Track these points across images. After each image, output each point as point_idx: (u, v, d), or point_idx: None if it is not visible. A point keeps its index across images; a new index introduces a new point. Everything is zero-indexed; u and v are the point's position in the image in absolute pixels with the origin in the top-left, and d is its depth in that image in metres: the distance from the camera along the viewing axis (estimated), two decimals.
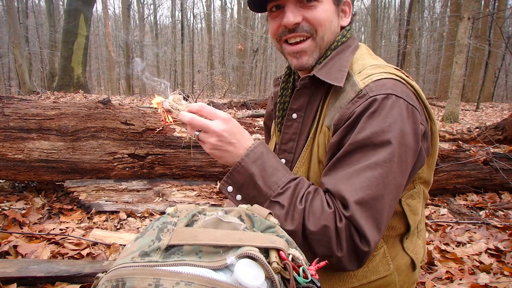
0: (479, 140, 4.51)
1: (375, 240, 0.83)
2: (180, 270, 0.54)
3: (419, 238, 1.10)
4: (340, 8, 1.04)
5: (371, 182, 0.82)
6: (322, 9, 0.98)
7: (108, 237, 2.20)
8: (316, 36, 1.00)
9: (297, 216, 0.84)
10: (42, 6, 25.22)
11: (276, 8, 1.02)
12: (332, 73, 0.97)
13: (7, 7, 13.39)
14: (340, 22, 1.05)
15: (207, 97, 15.76)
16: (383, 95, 0.87)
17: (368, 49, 1.10)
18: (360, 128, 0.86)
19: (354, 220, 0.81)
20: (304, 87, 1.02)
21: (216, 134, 0.89)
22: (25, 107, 2.78)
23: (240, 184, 0.91)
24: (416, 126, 0.89)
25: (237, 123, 0.93)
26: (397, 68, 1.01)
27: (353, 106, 0.90)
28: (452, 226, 2.65)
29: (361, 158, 0.85)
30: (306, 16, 0.98)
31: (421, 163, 0.95)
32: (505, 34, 13.30)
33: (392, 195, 0.85)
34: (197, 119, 0.90)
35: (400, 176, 0.86)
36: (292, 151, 1.06)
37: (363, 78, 0.93)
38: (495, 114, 11.67)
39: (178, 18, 28.20)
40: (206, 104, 0.93)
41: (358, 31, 33.36)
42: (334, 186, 0.86)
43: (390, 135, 0.84)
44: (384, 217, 0.84)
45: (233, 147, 0.91)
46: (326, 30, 1.00)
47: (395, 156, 0.84)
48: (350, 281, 0.97)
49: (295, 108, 1.05)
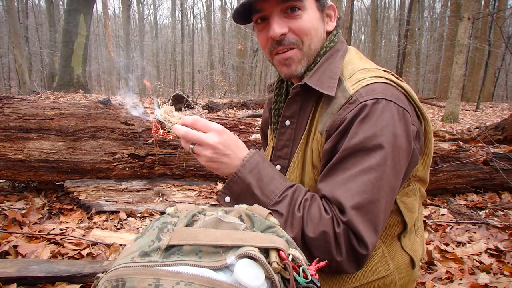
0: (479, 140, 4.51)
1: (373, 243, 0.84)
2: (180, 270, 0.54)
3: (417, 236, 1.11)
4: (324, 13, 1.04)
5: (367, 187, 0.84)
6: (306, 18, 0.98)
7: (108, 237, 2.20)
8: (302, 46, 1.00)
9: (296, 223, 0.85)
10: (42, 6, 25.23)
11: (261, 19, 1.02)
12: (324, 80, 0.98)
13: (7, 7, 13.41)
14: (326, 28, 1.06)
15: (207, 97, 15.76)
16: (373, 100, 0.88)
17: (358, 52, 1.10)
18: (352, 133, 0.88)
19: (352, 225, 0.82)
20: (296, 94, 1.03)
21: (211, 147, 0.90)
22: (25, 107, 2.78)
23: (238, 194, 0.92)
24: (408, 128, 0.90)
25: (231, 134, 0.94)
26: (387, 70, 1.02)
27: (344, 112, 0.91)
28: (452, 226, 2.65)
29: (355, 163, 0.86)
30: (291, 27, 0.98)
31: (415, 163, 0.96)
32: (505, 34, 13.31)
33: (387, 197, 0.87)
34: (191, 133, 0.91)
35: (394, 178, 0.88)
36: (287, 157, 1.07)
37: (353, 83, 0.94)
38: (495, 114, 11.67)
39: (178, 18, 28.23)
40: (199, 117, 0.93)
41: (358, 31, 33.40)
42: (330, 192, 0.87)
43: (382, 138, 0.85)
44: (381, 219, 0.85)
45: (228, 158, 0.91)
46: (312, 38, 1.01)
47: (388, 159, 0.85)
48: (350, 281, 0.97)
49: (288, 116, 1.06)
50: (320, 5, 1.02)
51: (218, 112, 8.03)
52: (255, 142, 3.07)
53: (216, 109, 8.23)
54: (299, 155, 1.03)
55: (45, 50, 18.69)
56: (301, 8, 0.97)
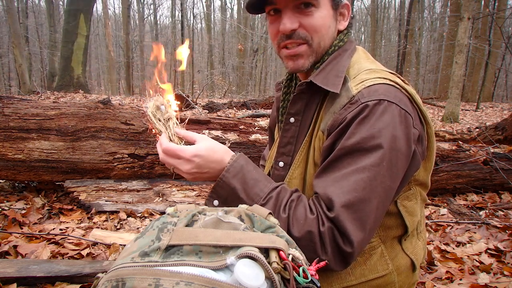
0: (479, 140, 4.51)
1: (359, 241, 0.84)
2: (180, 270, 0.54)
3: (419, 240, 1.11)
4: (338, 11, 1.04)
5: (358, 185, 0.84)
6: (319, 16, 0.98)
7: (108, 237, 2.20)
8: (312, 42, 1.00)
9: (281, 224, 0.86)
10: (42, 6, 25.24)
11: (274, 11, 1.02)
12: (330, 78, 0.98)
13: (7, 7, 13.41)
14: (338, 26, 1.05)
15: (207, 97, 15.76)
16: (375, 101, 0.88)
17: (365, 52, 1.10)
18: (350, 133, 0.88)
19: (339, 221, 0.83)
20: (302, 92, 1.03)
21: (186, 174, 0.96)
22: (25, 107, 2.78)
23: (225, 198, 0.94)
24: (409, 131, 0.89)
25: (204, 153, 0.94)
26: (393, 72, 1.01)
27: (345, 112, 0.91)
28: (452, 226, 2.65)
29: (351, 162, 0.87)
30: (303, 23, 0.98)
31: (416, 167, 0.96)
32: (505, 34, 13.31)
33: (380, 198, 0.87)
34: (167, 160, 0.97)
35: (390, 179, 0.87)
36: (290, 154, 1.08)
37: (356, 83, 0.94)
38: (495, 114, 11.67)
39: (178, 18, 28.18)
40: (170, 146, 0.95)
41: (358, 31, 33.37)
42: (323, 189, 0.88)
43: (380, 140, 0.85)
44: (371, 218, 0.85)
45: (208, 174, 0.96)
46: (323, 36, 1.01)
47: (385, 161, 0.85)
48: (348, 279, 0.97)
49: (293, 113, 1.06)
50: (334, 3, 1.01)
51: (218, 112, 8.02)
52: (255, 142, 3.07)
53: (216, 109, 8.22)
54: (303, 153, 1.03)
55: (45, 50, 18.67)
56: (315, 5, 0.97)
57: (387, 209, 0.97)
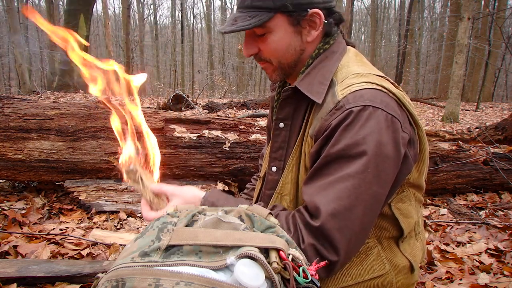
0: (479, 140, 4.51)
1: (345, 249, 0.84)
2: (180, 270, 0.54)
3: (418, 241, 1.10)
4: (301, 25, 0.99)
5: (343, 193, 0.84)
6: (272, 40, 0.99)
7: (108, 237, 2.20)
8: (272, 62, 1.04)
9: None
10: (42, 6, 25.22)
11: None
12: (314, 85, 0.98)
13: (7, 7, 13.41)
14: (305, 39, 1.01)
15: (207, 97, 15.75)
16: (360, 106, 0.88)
17: (357, 54, 1.07)
18: (335, 140, 0.88)
19: (325, 230, 0.83)
20: (288, 97, 1.04)
21: None
22: (25, 107, 2.77)
23: None
24: (396, 135, 0.89)
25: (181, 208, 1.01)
26: (382, 75, 1.00)
27: (331, 118, 0.91)
28: (452, 226, 2.65)
29: (336, 169, 0.87)
30: (260, 47, 1.02)
31: (408, 170, 0.95)
32: (505, 34, 13.31)
33: (367, 204, 0.86)
34: None
35: (377, 185, 0.87)
36: (282, 159, 1.08)
37: (343, 88, 0.94)
38: (495, 114, 11.66)
39: (178, 18, 28.20)
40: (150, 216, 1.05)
41: (358, 31, 33.39)
42: (310, 197, 0.88)
43: (365, 147, 0.85)
44: (357, 226, 0.85)
45: None
46: (283, 55, 1.02)
47: (370, 167, 0.85)
48: (345, 279, 0.97)
49: (281, 118, 1.07)
50: (293, 19, 0.98)
51: (218, 112, 8.02)
52: (255, 142, 3.07)
53: (216, 109, 8.22)
54: (294, 158, 1.03)
55: (45, 50, 18.67)
56: (267, 31, 0.98)
57: (382, 212, 0.97)
